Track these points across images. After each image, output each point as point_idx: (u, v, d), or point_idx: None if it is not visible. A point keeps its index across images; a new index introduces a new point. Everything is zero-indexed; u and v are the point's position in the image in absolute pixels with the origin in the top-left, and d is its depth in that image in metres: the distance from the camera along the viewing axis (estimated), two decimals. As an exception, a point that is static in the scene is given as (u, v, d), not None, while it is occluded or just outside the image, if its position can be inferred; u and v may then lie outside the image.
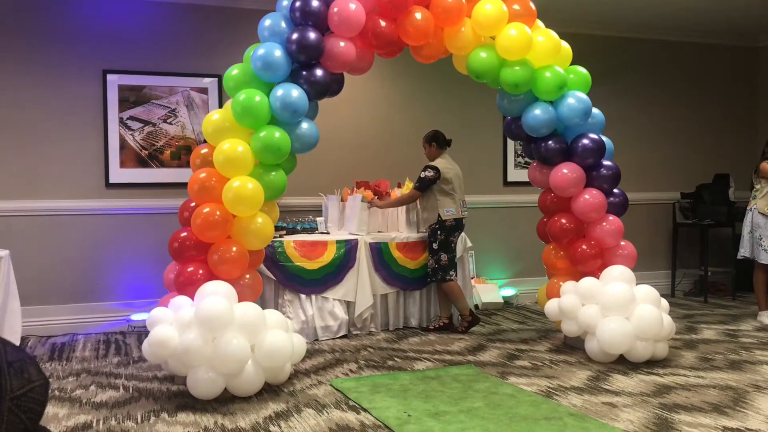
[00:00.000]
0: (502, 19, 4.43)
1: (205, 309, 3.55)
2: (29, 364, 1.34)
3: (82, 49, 5.65)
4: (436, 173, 5.32)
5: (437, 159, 5.45)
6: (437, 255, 5.35)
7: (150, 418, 3.47)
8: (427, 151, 5.53)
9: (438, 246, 5.35)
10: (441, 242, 5.34)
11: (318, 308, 5.26)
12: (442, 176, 5.33)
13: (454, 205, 5.36)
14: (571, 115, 4.60)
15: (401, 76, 6.53)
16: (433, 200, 5.36)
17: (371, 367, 4.44)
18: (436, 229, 5.35)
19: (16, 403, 1.26)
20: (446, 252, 5.35)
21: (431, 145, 5.50)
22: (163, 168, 5.83)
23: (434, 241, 5.36)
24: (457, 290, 5.38)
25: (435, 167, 5.35)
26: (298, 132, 4.17)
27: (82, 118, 5.65)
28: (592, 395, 3.76)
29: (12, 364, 1.29)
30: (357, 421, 3.38)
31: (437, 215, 5.34)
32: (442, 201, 5.34)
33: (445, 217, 5.32)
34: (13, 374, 1.28)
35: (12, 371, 1.28)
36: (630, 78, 7.36)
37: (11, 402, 1.25)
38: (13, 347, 1.33)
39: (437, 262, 5.35)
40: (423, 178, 5.34)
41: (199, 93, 5.93)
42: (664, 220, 7.45)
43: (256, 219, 4.09)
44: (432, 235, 5.38)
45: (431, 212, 5.39)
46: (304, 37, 4.04)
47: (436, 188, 5.35)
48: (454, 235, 5.39)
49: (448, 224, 5.33)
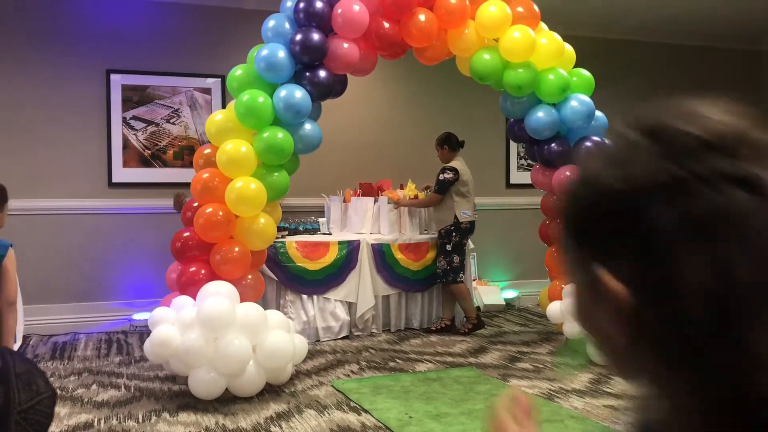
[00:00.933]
0: (505, 22, 4.43)
1: (207, 309, 3.56)
2: (37, 375, 1.34)
3: (86, 49, 5.66)
4: (456, 175, 5.31)
5: (453, 161, 5.44)
6: (450, 257, 5.33)
7: (151, 417, 3.47)
8: (440, 153, 5.49)
9: (452, 248, 5.33)
10: (455, 244, 5.33)
11: (319, 309, 5.26)
12: (460, 178, 5.33)
13: (469, 207, 5.36)
14: (574, 117, 4.60)
15: (404, 77, 6.52)
16: (450, 202, 5.34)
17: (372, 368, 4.44)
18: (451, 231, 5.33)
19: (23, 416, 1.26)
20: (459, 254, 5.35)
21: (443, 148, 5.47)
22: (165, 168, 5.83)
23: (448, 242, 5.34)
24: (465, 292, 5.40)
25: (454, 169, 5.33)
26: (301, 133, 4.17)
27: (86, 118, 5.66)
28: (593, 398, 3.75)
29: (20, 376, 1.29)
30: (358, 423, 3.38)
31: (453, 217, 5.32)
32: (458, 203, 5.33)
33: (462, 219, 5.32)
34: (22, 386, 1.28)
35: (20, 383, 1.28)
36: (633, 81, 7.35)
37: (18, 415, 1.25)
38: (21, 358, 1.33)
39: (449, 264, 5.34)
40: (443, 180, 5.31)
41: (202, 93, 5.94)
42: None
43: (258, 219, 4.09)
44: (446, 237, 5.35)
45: (446, 214, 5.36)
46: (307, 38, 4.04)
47: (453, 190, 5.33)
48: (467, 237, 5.40)
49: (463, 226, 5.33)
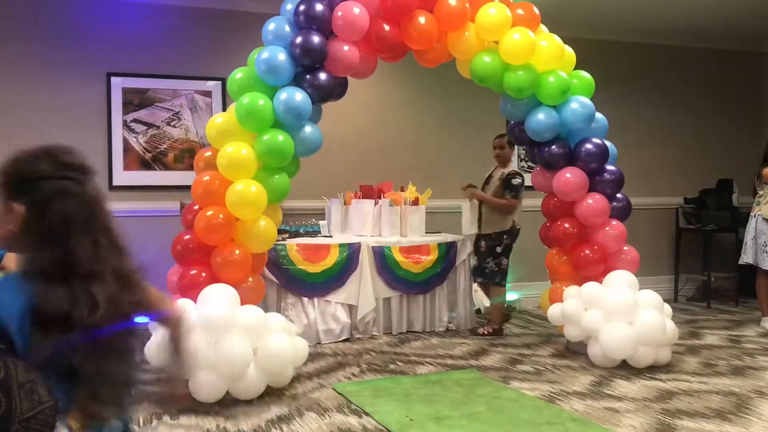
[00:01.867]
0: (505, 24, 4.44)
1: (207, 312, 3.56)
2: (39, 384, 1.33)
3: (86, 52, 5.66)
4: (523, 179, 5.38)
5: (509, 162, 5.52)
6: (499, 258, 5.40)
7: (152, 420, 3.47)
8: (503, 153, 5.48)
9: (502, 250, 5.40)
10: (505, 247, 5.40)
11: (320, 312, 5.26)
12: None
13: (519, 212, 5.42)
14: (574, 119, 4.60)
15: (404, 79, 6.53)
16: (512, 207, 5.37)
17: (373, 370, 4.43)
18: (503, 234, 5.38)
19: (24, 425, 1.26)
20: (507, 257, 5.43)
21: (511, 147, 5.51)
22: (166, 171, 5.84)
23: (499, 245, 5.39)
24: (504, 297, 5.49)
25: (521, 174, 5.40)
26: (301, 135, 4.17)
27: (86, 121, 5.66)
28: (594, 400, 3.75)
29: (23, 386, 1.28)
30: (359, 425, 3.38)
31: (512, 222, 5.37)
32: (518, 208, 5.38)
33: (518, 225, 5.40)
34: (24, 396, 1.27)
35: (22, 393, 1.27)
36: (633, 83, 7.36)
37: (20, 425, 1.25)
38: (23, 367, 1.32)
39: (498, 266, 5.41)
40: (517, 185, 5.32)
41: (203, 96, 5.94)
42: (667, 225, 7.43)
43: (259, 222, 4.10)
44: (497, 239, 5.39)
45: (507, 218, 5.37)
46: (308, 40, 4.05)
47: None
48: (515, 241, 5.47)
49: (515, 231, 5.42)
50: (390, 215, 5.63)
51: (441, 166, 6.61)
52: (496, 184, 5.42)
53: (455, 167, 6.63)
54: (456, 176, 6.39)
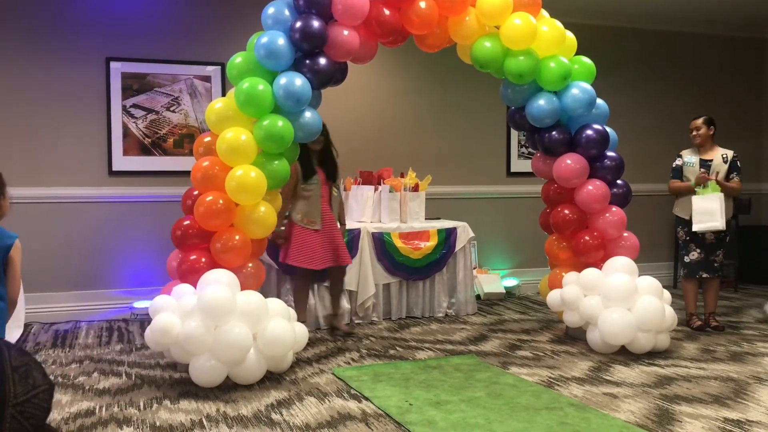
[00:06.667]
0: (506, 9, 4.41)
1: (207, 297, 3.56)
2: (34, 368, 1.32)
3: (86, 36, 5.63)
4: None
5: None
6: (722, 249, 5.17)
7: (152, 405, 3.48)
8: (706, 134, 5.23)
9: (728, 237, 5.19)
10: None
11: (320, 297, 5.27)
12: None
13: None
14: (575, 105, 4.58)
15: (405, 65, 6.50)
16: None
17: (373, 356, 4.45)
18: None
19: (19, 409, 1.24)
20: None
21: (712, 127, 5.25)
22: (166, 156, 5.82)
23: (726, 233, 5.13)
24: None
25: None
26: (301, 121, 4.16)
27: (85, 106, 5.65)
28: (593, 386, 3.76)
29: (17, 369, 1.27)
30: (358, 410, 3.40)
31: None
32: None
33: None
34: (18, 380, 1.26)
35: (17, 377, 1.26)
36: (634, 68, 7.33)
37: (14, 408, 1.23)
38: (18, 351, 1.31)
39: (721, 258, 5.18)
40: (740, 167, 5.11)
41: (202, 81, 5.92)
42: (667, 212, 7.41)
43: (258, 208, 4.09)
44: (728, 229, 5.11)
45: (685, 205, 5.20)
46: (307, 25, 4.02)
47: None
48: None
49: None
50: (390, 201, 5.64)
51: (441, 152, 6.60)
52: (723, 167, 5.14)
53: (455, 153, 6.62)
54: (456, 162, 6.40)
